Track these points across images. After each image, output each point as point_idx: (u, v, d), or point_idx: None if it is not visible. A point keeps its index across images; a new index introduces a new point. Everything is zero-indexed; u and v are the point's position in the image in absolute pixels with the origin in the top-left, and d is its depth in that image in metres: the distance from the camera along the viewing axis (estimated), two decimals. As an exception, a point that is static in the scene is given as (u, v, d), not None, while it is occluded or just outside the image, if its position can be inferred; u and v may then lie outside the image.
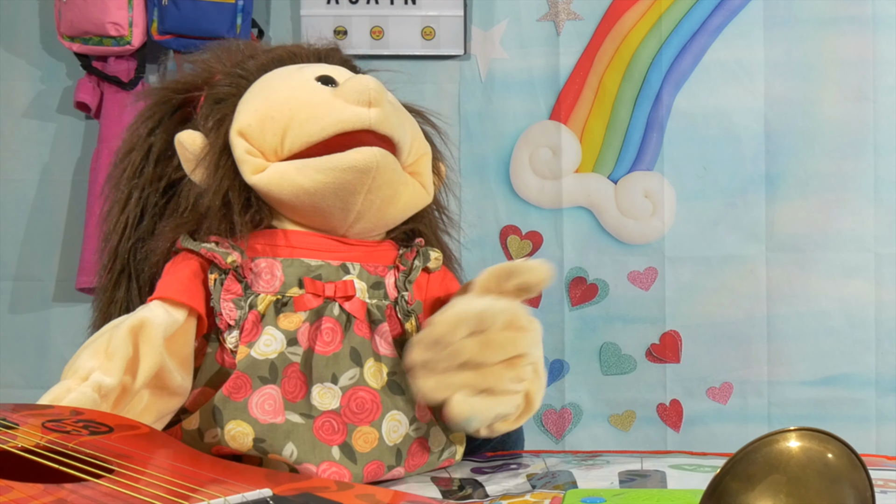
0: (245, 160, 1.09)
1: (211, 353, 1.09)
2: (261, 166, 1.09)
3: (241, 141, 1.09)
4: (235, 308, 1.07)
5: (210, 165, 1.11)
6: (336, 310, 1.08)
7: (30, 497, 0.70)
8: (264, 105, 1.10)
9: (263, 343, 1.06)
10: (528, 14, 2.17)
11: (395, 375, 1.10)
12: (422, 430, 1.11)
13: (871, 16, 2.09)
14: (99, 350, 1.04)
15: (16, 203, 2.28)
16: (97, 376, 1.00)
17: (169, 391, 1.05)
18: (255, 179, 1.09)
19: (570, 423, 2.18)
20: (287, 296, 1.08)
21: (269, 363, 1.05)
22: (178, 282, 1.09)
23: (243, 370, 1.04)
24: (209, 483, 0.76)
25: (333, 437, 1.05)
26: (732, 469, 0.65)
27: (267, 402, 1.04)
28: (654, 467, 1.07)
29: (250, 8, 2.16)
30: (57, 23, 2.16)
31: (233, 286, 1.08)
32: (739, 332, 2.14)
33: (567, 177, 2.17)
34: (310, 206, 1.10)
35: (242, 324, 1.06)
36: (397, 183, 1.12)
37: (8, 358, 2.27)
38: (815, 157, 2.12)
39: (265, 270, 1.09)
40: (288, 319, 1.07)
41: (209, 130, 1.13)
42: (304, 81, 1.12)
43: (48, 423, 0.90)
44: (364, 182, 1.07)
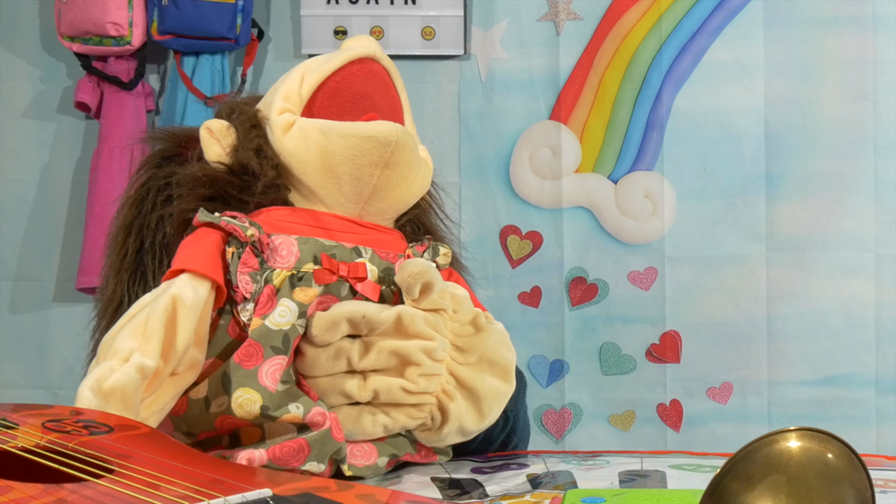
0: (276, 121, 1.15)
1: (223, 325, 1.10)
2: (289, 122, 1.15)
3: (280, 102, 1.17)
4: (252, 281, 1.08)
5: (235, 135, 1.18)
6: (345, 290, 1.10)
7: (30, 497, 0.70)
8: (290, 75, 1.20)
9: (279, 314, 1.07)
10: (528, 14, 2.17)
11: None
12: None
13: (871, 16, 2.09)
14: (137, 331, 1.05)
15: (16, 203, 2.28)
16: (138, 358, 1.01)
17: (189, 365, 1.06)
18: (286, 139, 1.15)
19: (570, 423, 2.18)
20: (302, 271, 1.09)
21: (282, 334, 1.06)
22: (202, 255, 1.10)
23: (256, 339, 1.05)
24: (209, 483, 0.76)
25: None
26: (732, 469, 0.65)
27: (278, 371, 1.05)
28: (654, 467, 1.07)
29: (250, 8, 2.16)
30: (57, 23, 2.16)
31: (250, 260, 1.09)
32: (739, 332, 2.14)
33: (567, 177, 2.17)
34: (329, 170, 1.13)
35: (258, 297, 1.07)
36: (414, 164, 1.16)
37: (8, 358, 2.27)
38: (815, 157, 2.12)
39: (282, 246, 1.10)
40: (304, 293, 1.08)
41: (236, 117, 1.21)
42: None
43: (48, 423, 0.90)
44: (382, 155, 1.12)
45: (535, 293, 2.18)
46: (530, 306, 2.18)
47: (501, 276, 2.18)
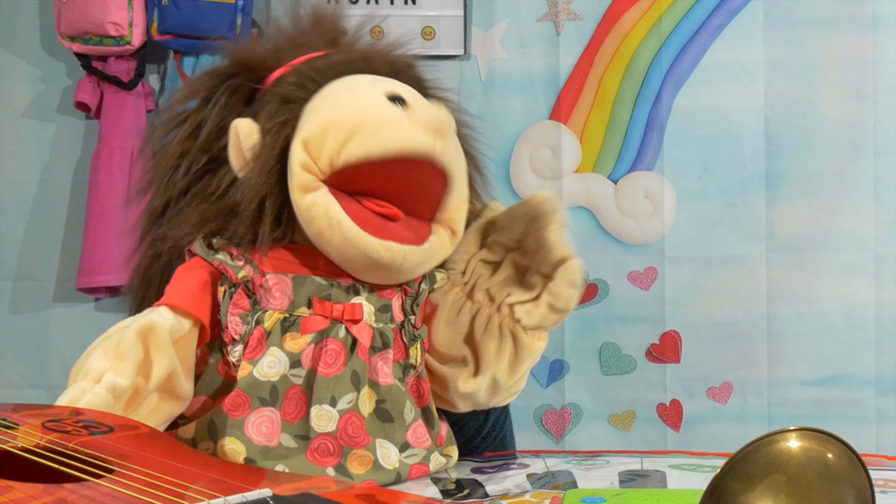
0: (298, 174, 1.05)
1: (213, 363, 1.08)
2: (311, 186, 1.05)
3: (301, 152, 1.05)
4: (242, 323, 1.06)
5: (260, 167, 1.07)
6: (342, 332, 1.07)
7: (30, 497, 0.70)
8: (331, 113, 1.06)
9: (267, 364, 1.04)
10: (528, 14, 2.17)
11: (384, 403, 1.08)
12: (419, 455, 1.09)
13: (871, 16, 2.10)
14: (109, 351, 1.02)
15: (16, 203, 2.28)
16: (110, 377, 1.00)
17: (176, 395, 1.05)
18: (300, 199, 1.05)
19: (570, 423, 2.18)
20: (295, 315, 1.06)
21: (270, 385, 1.04)
22: (188, 290, 1.07)
23: (244, 389, 1.04)
24: (209, 483, 0.76)
25: (328, 460, 1.04)
26: (732, 469, 0.65)
27: (265, 423, 1.03)
28: (654, 467, 1.07)
29: (250, 8, 2.16)
30: (57, 23, 2.16)
31: (241, 300, 1.06)
32: (739, 332, 2.14)
33: (567, 177, 2.17)
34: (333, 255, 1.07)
35: (247, 339, 1.06)
36: (425, 267, 1.10)
37: (8, 358, 2.27)
38: (815, 157, 2.12)
39: (275, 287, 1.07)
40: (294, 341, 1.06)
41: (269, 130, 1.08)
42: (374, 96, 1.07)
43: (48, 423, 0.90)
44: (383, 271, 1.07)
45: (535, 293, 2.18)
46: (530, 306, 2.18)
47: (501, 276, 2.18)
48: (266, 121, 1.09)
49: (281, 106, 1.10)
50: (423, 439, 1.10)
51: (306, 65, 1.14)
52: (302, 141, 1.05)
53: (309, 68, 1.13)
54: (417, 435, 1.09)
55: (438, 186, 1.08)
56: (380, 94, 1.07)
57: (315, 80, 1.11)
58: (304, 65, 1.14)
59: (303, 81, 1.11)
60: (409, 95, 1.09)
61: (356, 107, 1.06)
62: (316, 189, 1.05)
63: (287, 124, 1.08)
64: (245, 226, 1.07)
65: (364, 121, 1.04)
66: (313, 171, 1.04)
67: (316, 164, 1.04)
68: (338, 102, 1.08)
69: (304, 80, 1.11)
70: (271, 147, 1.07)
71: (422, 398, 1.12)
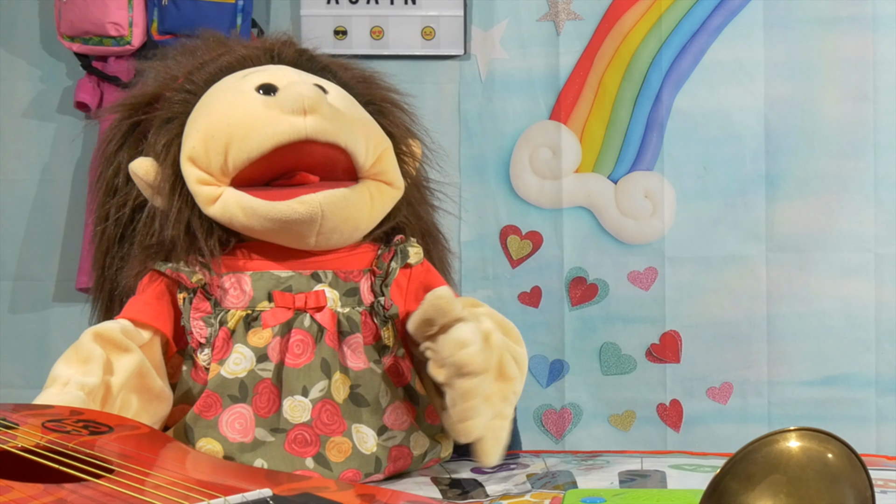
0: (198, 192, 1.08)
1: (186, 370, 1.09)
2: (213, 195, 1.07)
3: (191, 168, 1.08)
4: (206, 326, 1.06)
5: (166, 195, 1.10)
6: (307, 321, 1.07)
7: (30, 497, 0.70)
8: (205, 124, 1.08)
9: (233, 362, 1.05)
10: (528, 14, 2.17)
11: (358, 388, 1.08)
12: (398, 437, 1.09)
13: (871, 16, 2.09)
14: (70, 358, 1.05)
15: (16, 203, 2.28)
16: (78, 378, 1.01)
17: (154, 395, 1.05)
18: (210, 211, 1.08)
19: (570, 423, 2.18)
20: (256, 310, 1.07)
21: (238, 382, 1.04)
22: (143, 301, 1.09)
23: (213, 389, 1.04)
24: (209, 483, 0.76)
25: (306, 450, 1.04)
26: (732, 469, 0.65)
27: (238, 420, 1.04)
28: (654, 467, 1.07)
29: (250, 8, 2.16)
30: (57, 23, 2.16)
31: (201, 304, 1.07)
32: (739, 332, 2.14)
33: (567, 177, 2.17)
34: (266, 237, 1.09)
35: (213, 341, 1.06)
36: (353, 212, 1.09)
37: (8, 358, 2.27)
38: (815, 157, 2.12)
39: (233, 286, 1.08)
40: (257, 336, 1.06)
41: (159, 156, 1.11)
42: (242, 93, 1.09)
43: (48, 423, 0.90)
44: (311, 228, 1.06)
45: (535, 293, 2.18)
46: (530, 306, 2.18)
47: (501, 276, 2.18)
48: (154, 146, 1.11)
49: (163, 127, 1.12)
50: (401, 420, 1.09)
51: (185, 79, 1.15)
52: (188, 158, 1.07)
53: (188, 81, 1.14)
54: (395, 417, 1.09)
55: (337, 154, 1.09)
56: (248, 90, 1.09)
57: (193, 91, 1.13)
58: (184, 80, 1.15)
59: (183, 97, 1.13)
60: (282, 77, 1.10)
61: (226, 111, 1.08)
62: (220, 195, 1.07)
63: (172, 144, 1.10)
64: (184, 250, 1.09)
65: (235, 125, 1.06)
66: (210, 181, 1.07)
67: (210, 174, 1.07)
68: (210, 111, 1.09)
69: (184, 94, 1.13)
70: (168, 175, 1.09)
71: (401, 377, 1.11)
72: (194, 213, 1.09)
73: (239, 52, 1.18)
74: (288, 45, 1.21)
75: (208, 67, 1.16)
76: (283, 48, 1.19)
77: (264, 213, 1.06)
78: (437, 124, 2.15)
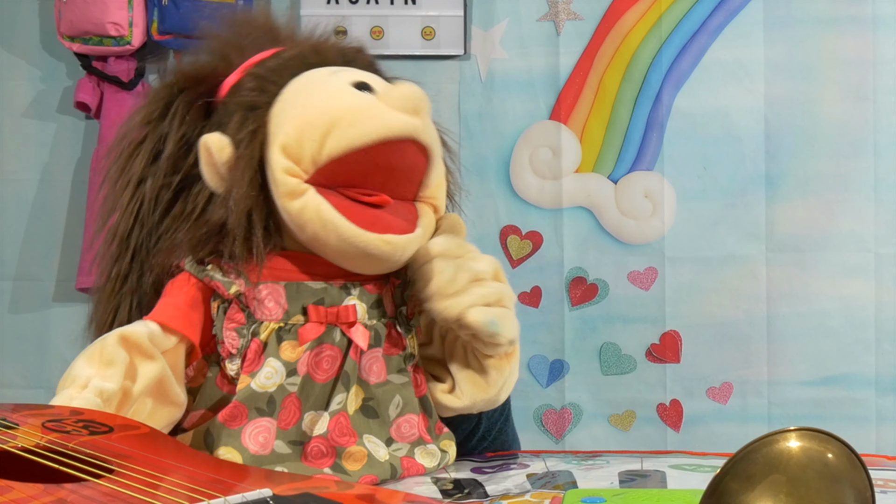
0: (283, 181, 1.04)
1: (211, 377, 1.08)
2: (298, 190, 1.04)
3: (281, 157, 1.04)
4: (238, 337, 1.05)
5: (240, 181, 1.05)
6: (338, 336, 1.06)
7: (30, 497, 0.70)
8: (302, 112, 1.05)
9: (265, 376, 1.04)
10: (528, 14, 2.17)
11: (370, 401, 1.08)
12: (404, 449, 1.09)
13: (871, 16, 2.10)
14: (93, 358, 1.03)
15: (16, 203, 2.28)
16: (97, 382, 1.00)
17: (170, 401, 1.05)
18: (288, 205, 1.04)
19: (570, 423, 2.18)
20: (290, 324, 1.06)
21: (267, 396, 1.04)
22: (176, 307, 1.06)
23: (241, 401, 1.03)
24: (209, 483, 0.76)
25: (323, 461, 1.04)
26: (732, 469, 0.65)
27: (262, 433, 1.03)
28: (654, 467, 1.07)
29: (250, 8, 2.16)
30: (57, 23, 2.16)
31: (236, 315, 1.06)
32: (739, 332, 2.14)
33: (567, 177, 2.17)
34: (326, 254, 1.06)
35: (245, 352, 1.05)
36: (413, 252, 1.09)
37: (8, 358, 2.27)
38: (815, 157, 2.12)
39: (268, 297, 1.06)
40: (291, 350, 1.05)
41: (241, 141, 1.07)
42: (340, 87, 1.07)
43: (48, 423, 0.90)
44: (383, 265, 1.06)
45: (535, 293, 2.18)
46: (530, 306, 2.18)
47: (501, 276, 2.18)
48: (236, 132, 1.07)
49: (247, 114, 1.08)
50: (408, 434, 1.09)
51: (259, 67, 1.12)
52: (280, 147, 1.04)
53: (264, 70, 1.11)
54: (401, 431, 1.09)
55: (421, 164, 1.07)
56: (345, 85, 1.07)
57: (274, 81, 1.10)
58: (257, 67, 1.12)
59: (262, 85, 1.09)
60: (373, 81, 1.08)
61: (325, 101, 1.05)
62: (303, 192, 1.04)
63: (258, 132, 1.07)
64: (239, 244, 1.05)
65: (338, 113, 1.03)
66: (297, 174, 1.04)
67: (299, 166, 1.03)
68: (306, 101, 1.06)
69: (262, 83, 1.09)
70: (248, 158, 1.05)
71: (419, 388, 1.11)
72: (258, 205, 1.06)
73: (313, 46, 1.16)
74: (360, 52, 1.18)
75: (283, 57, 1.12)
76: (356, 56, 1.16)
77: (347, 237, 1.03)
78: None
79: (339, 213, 1.03)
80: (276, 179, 1.04)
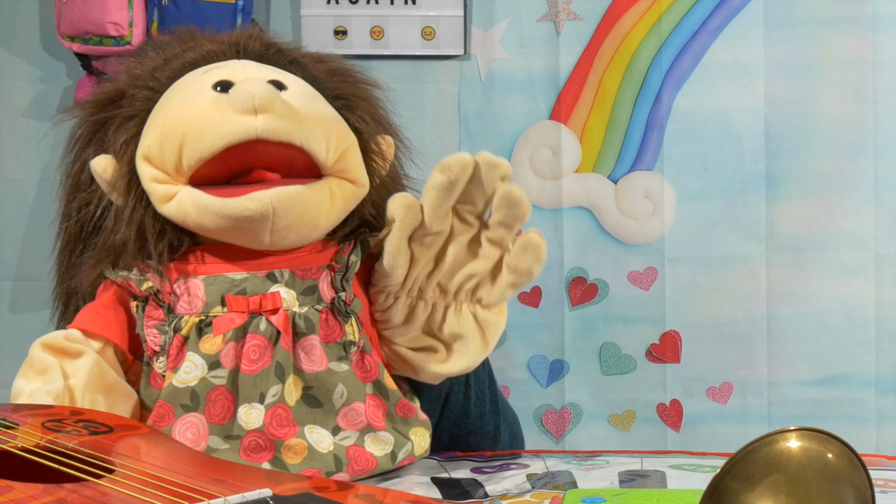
0: (153, 190, 1.06)
1: (144, 377, 1.08)
2: (168, 194, 1.06)
3: (146, 167, 1.06)
4: (160, 333, 1.05)
5: (121, 194, 1.09)
6: (263, 324, 1.05)
7: (30, 497, 0.70)
8: (163, 122, 1.07)
9: (184, 371, 1.03)
10: (528, 14, 2.17)
11: (311, 390, 1.06)
12: (352, 437, 1.08)
13: (871, 16, 2.09)
14: (27, 373, 1.05)
15: (16, 203, 2.28)
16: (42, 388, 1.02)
17: (117, 392, 1.05)
18: (165, 209, 1.06)
19: (570, 423, 2.18)
20: (210, 316, 1.05)
21: (189, 391, 1.03)
22: (94, 310, 1.09)
23: (165, 399, 1.03)
24: (209, 483, 0.76)
25: (261, 455, 1.03)
26: (732, 469, 0.65)
27: (190, 430, 1.03)
28: (654, 467, 1.07)
29: (250, 8, 2.16)
30: (57, 23, 2.16)
31: (154, 312, 1.06)
32: (739, 332, 2.14)
33: (567, 177, 2.17)
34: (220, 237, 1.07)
35: (168, 349, 1.05)
36: (309, 210, 1.06)
37: (8, 358, 2.27)
38: (815, 157, 2.12)
39: (186, 291, 1.06)
40: (208, 343, 1.04)
41: (118, 153, 1.10)
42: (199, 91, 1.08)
43: (48, 423, 0.90)
44: (264, 226, 1.04)
45: (535, 293, 2.18)
46: (530, 306, 2.18)
47: (501, 276, 2.18)
48: (113, 146, 1.10)
49: (123, 125, 1.11)
50: (356, 421, 1.08)
51: (149, 74, 1.14)
52: (143, 157, 1.06)
53: (151, 80, 1.13)
54: (348, 418, 1.08)
55: (294, 153, 1.06)
56: (205, 87, 1.07)
57: (155, 88, 1.12)
58: (148, 74, 1.14)
59: (144, 94, 1.12)
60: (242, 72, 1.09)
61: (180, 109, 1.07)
62: (175, 194, 1.05)
63: (130, 142, 1.09)
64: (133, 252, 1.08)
65: (188, 123, 1.04)
66: (166, 180, 1.06)
67: (165, 172, 1.05)
68: (167, 108, 1.08)
69: (144, 92, 1.12)
70: (125, 174, 1.08)
71: (368, 373, 1.10)
72: (148, 214, 1.08)
73: (204, 48, 1.15)
74: (254, 38, 1.17)
75: (172, 64, 1.14)
76: (248, 42, 1.16)
77: (216, 210, 1.03)
78: (437, 124, 2.18)
79: (210, 195, 1.04)
80: (147, 189, 1.07)
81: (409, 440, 1.11)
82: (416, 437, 1.12)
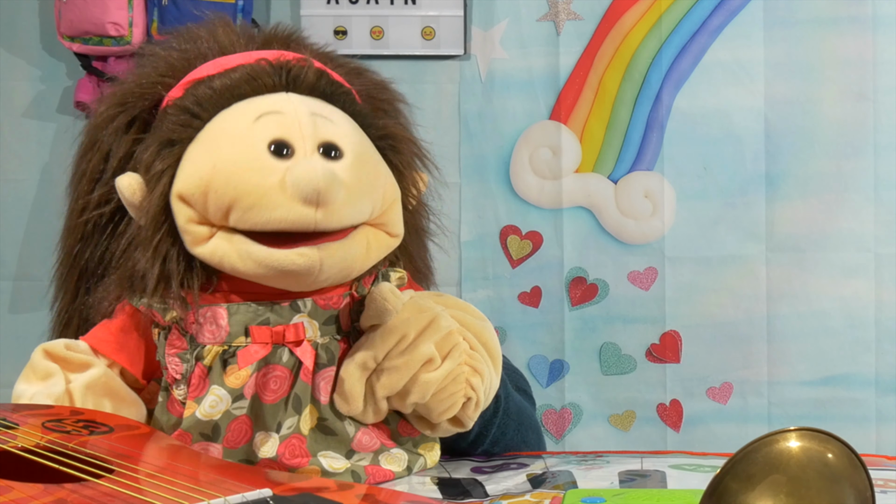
0: (188, 230, 1.02)
1: (162, 402, 1.07)
2: (203, 236, 1.02)
3: (182, 207, 1.01)
4: (181, 362, 1.04)
5: (149, 223, 1.03)
6: (285, 356, 1.03)
7: (30, 497, 0.70)
8: (209, 174, 1.01)
9: (209, 404, 1.02)
10: (528, 14, 2.17)
11: (325, 420, 1.06)
12: (367, 459, 1.08)
13: (871, 16, 2.10)
14: (28, 377, 1.05)
15: (16, 203, 2.28)
16: (44, 391, 1.01)
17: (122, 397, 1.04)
18: (198, 251, 1.02)
19: (570, 423, 2.18)
20: (233, 346, 1.03)
21: (212, 424, 1.03)
22: (108, 331, 1.06)
23: (186, 428, 1.02)
24: (209, 483, 0.76)
25: None
26: (732, 469, 0.65)
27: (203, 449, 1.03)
28: (654, 467, 1.07)
29: (250, 8, 2.16)
30: (57, 23, 2.16)
31: (176, 340, 1.04)
32: (739, 332, 2.14)
33: (567, 177, 2.17)
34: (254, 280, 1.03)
35: (189, 377, 1.04)
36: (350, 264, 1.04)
37: (8, 358, 2.27)
38: (815, 157, 2.12)
39: (209, 320, 1.03)
40: (234, 376, 1.03)
41: (150, 180, 1.04)
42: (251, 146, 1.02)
43: (48, 423, 0.90)
44: (308, 279, 1.02)
45: (535, 293, 2.18)
46: (530, 306, 2.18)
47: (501, 276, 2.19)
48: (145, 172, 1.04)
49: (160, 151, 1.04)
50: (369, 444, 1.08)
51: (189, 93, 1.07)
52: (181, 196, 1.01)
53: (192, 99, 1.06)
54: (362, 443, 1.08)
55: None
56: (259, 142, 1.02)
57: (197, 114, 1.05)
58: (188, 93, 1.07)
59: (185, 120, 1.05)
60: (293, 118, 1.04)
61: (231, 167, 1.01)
62: (211, 236, 1.02)
63: (165, 173, 1.03)
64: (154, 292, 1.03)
65: (241, 190, 1.00)
66: (203, 222, 1.01)
67: (204, 216, 1.01)
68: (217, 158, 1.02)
69: (186, 116, 1.05)
70: (156, 204, 1.02)
71: None
72: (173, 252, 1.03)
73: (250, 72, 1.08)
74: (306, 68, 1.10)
75: (217, 83, 1.07)
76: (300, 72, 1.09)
77: (261, 259, 1.00)
78: (437, 124, 2.18)
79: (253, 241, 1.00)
80: (181, 227, 1.02)
81: (421, 455, 1.12)
82: (426, 451, 1.13)
